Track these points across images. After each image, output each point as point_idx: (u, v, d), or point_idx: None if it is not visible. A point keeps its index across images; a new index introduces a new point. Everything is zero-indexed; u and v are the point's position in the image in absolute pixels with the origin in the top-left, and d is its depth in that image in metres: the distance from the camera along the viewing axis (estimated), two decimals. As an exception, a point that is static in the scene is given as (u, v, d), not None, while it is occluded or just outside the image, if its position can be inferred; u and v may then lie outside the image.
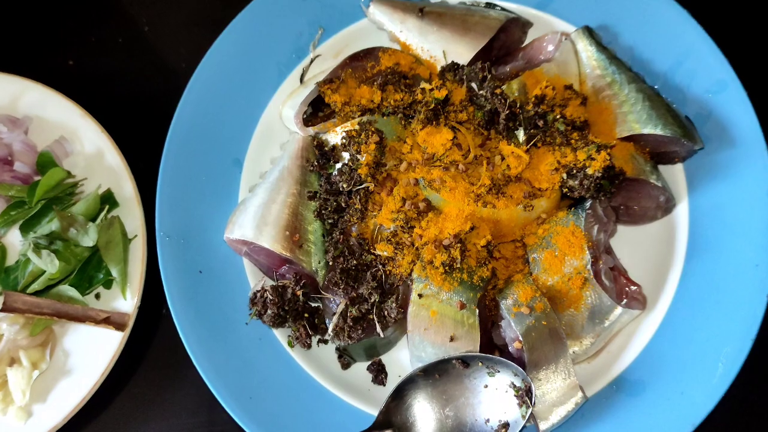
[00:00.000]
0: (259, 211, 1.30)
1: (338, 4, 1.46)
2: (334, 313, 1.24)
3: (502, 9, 1.42)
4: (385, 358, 1.31)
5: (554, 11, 1.41)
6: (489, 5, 1.42)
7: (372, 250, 1.26)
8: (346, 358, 1.30)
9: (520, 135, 1.25)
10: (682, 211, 1.30)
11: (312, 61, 1.45)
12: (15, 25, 1.63)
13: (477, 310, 1.19)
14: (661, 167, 1.31)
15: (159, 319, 1.41)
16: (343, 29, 1.47)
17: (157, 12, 1.63)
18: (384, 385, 1.29)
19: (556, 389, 1.19)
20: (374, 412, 1.25)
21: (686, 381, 1.19)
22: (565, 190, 1.23)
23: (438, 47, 1.38)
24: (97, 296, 1.38)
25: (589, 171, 1.19)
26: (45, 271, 1.34)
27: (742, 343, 1.18)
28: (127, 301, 1.35)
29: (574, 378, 1.19)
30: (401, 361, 1.30)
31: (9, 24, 1.62)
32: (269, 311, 1.26)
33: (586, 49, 1.35)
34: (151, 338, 1.41)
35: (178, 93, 1.41)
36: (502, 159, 1.25)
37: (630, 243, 1.32)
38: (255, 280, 1.34)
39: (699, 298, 1.24)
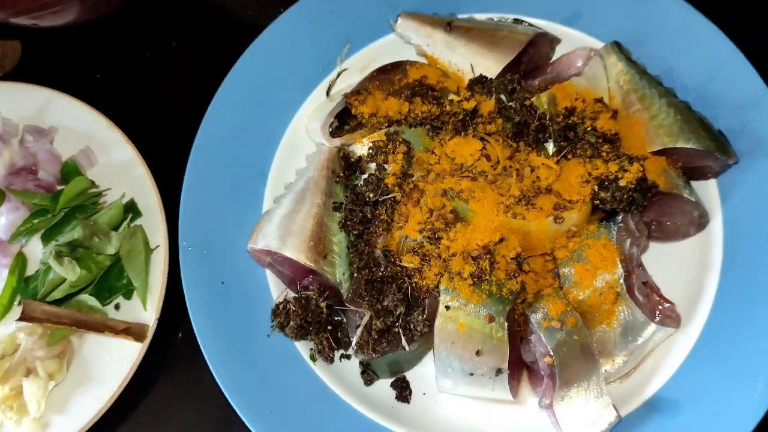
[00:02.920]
0: (283, 222, 1.29)
1: (365, 19, 1.47)
2: (358, 326, 1.21)
3: (530, 24, 1.42)
4: (410, 375, 1.27)
5: (582, 27, 1.42)
6: (517, 21, 1.43)
7: (398, 262, 1.23)
8: (369, 374, 1.27)
9: (550, 147, 1.23)
10: (715, 228, 1.27)
11: (339, 75, 1.46)
12: (45, 38, 1.65)
13: (506, 324, 1.16)
14: (693, 183, 1.29)
15: (178, 330, 1.39)
16: (370, 44, 1.47)
17: (185, 27, 1.65)
18: (408, 402, 1.25)
19: (588, 408, 1.15)
20: (398, 430, 1.21)
21: (724, 401, 1.15)
22: (596, 202, 1.21)
23: (465, 61, 1.38)
24: (117, 307, 1.36)
25: (622, 183, 1.17)
26: (65, 280, 1.32)
27: (782, 361, 1.15)
28: (147, 312, 1.33)
29: (607, 396, 1.15)
30: (426, 377, 1.26)
31: (39, 37, 1.64)
32: (292, 323, 1.24)
33: (615, 65, 1.34)
34: (170, 350, 1.38)
35: (203, 106, 1.42)
36: (532, 170, 1.23)
37: (662, 260, 1.29)
38: (277, 292, 1.32)
39: (735, 315, 1.21)
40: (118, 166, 1.44)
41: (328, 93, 1.45)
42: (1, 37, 1.62)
